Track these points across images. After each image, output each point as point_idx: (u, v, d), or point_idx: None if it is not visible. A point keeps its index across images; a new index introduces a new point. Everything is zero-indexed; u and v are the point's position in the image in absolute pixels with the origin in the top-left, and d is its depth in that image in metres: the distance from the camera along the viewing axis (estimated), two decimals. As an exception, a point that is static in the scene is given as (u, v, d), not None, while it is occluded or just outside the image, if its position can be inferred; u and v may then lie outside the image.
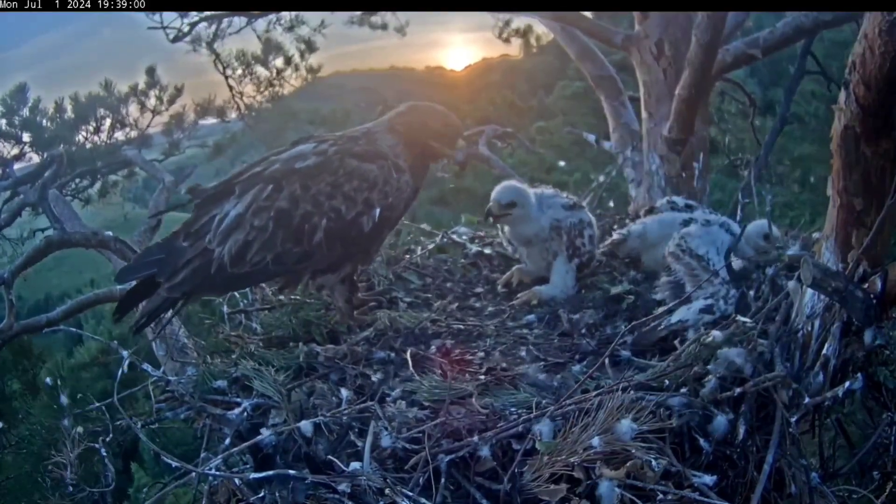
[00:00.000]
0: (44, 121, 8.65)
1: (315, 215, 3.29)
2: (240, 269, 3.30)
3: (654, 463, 2.40)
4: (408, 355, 3.27)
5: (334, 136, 3.58)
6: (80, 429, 3.68)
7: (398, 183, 3.44)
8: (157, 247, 3.54)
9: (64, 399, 3.78)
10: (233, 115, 10.66)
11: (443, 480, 2.56)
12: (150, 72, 9.32)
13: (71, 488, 3.68)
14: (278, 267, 3.34)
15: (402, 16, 10.89)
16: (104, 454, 3.59)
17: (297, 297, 3.92)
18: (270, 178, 3.36)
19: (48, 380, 4.78)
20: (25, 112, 8.60)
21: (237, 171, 3.55)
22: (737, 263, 3.83)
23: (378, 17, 9.95)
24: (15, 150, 8.41)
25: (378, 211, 3.38)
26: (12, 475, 4.79)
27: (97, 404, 3.67)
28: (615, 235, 4.38)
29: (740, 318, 3.23)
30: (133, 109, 9.14)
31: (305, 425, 2.77)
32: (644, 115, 6.24)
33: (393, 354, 3.33)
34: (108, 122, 8.98)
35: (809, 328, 2.94)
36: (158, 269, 3.36)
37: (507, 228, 4.25)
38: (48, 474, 3.81)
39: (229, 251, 3.28)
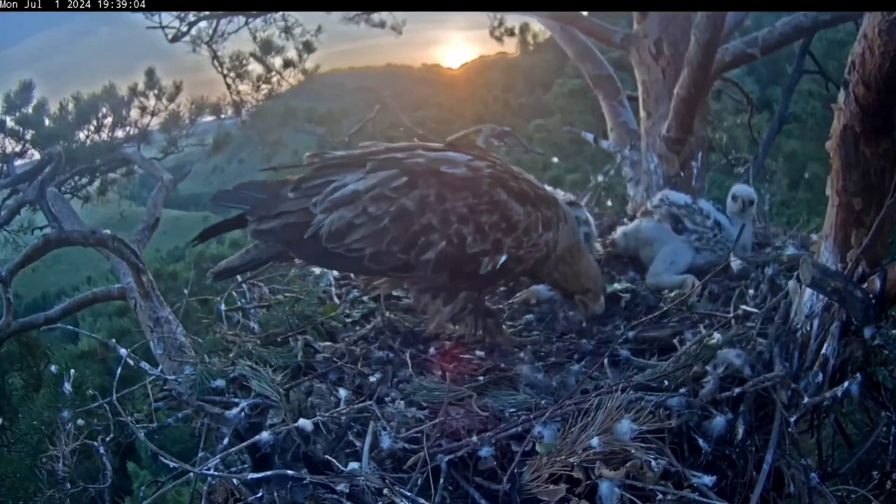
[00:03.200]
0: (45, 119, 8.65)
1: (437, 232, 2.97)
2: (333, 248, 3.01)
3: (653, 463, 2.41)
4: (407, 356, 3.26)
5: (499, 159, 3.28)
6: (80, 421, 3.68)
7: (538, 238, 3.14)
8: (261, 185, 3.24)
9: (67, 387, 3.77)
10: (230, 112, 10.64)
11: (441, 481, 2.56)
12: (150, 73, 9.32)
13: (68, 485, 3.68)
14: (373, 265, 3.03)
15: (399, 13, 10.87)
16: (102, 452, 3.59)
17: (294, 294, 3.92)
18: (408, 169, 3.03)
19: (53, 368, 4.76)
20: (29, 110, 8.60)
21: (369, 146, 3.28)
22: (735, 263, 3.85)
23: (375, 15, 9.92)
24: (17, 148, 8.40)
25: (504, 258, 3.06)
26: (10, 471, 4.77)
27: (100, 402, 3.65)
28: (609, 238, 4.56)
29: (745, 308, 3.27)
30: (134, 113, 9.15)
31: (305, 423, 2.74)
32: (642, 114, 6.23)
33: (391, 354, 3.33)
34: (108, 120, 8.99)
35: (808, 328, 2.94)
36: (252, 207, 3.12)
37: None
38: (43, 467, 3.81)
39: (331, 224, 2.99)
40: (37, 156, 8.49)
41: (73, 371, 4.02)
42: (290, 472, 2.66)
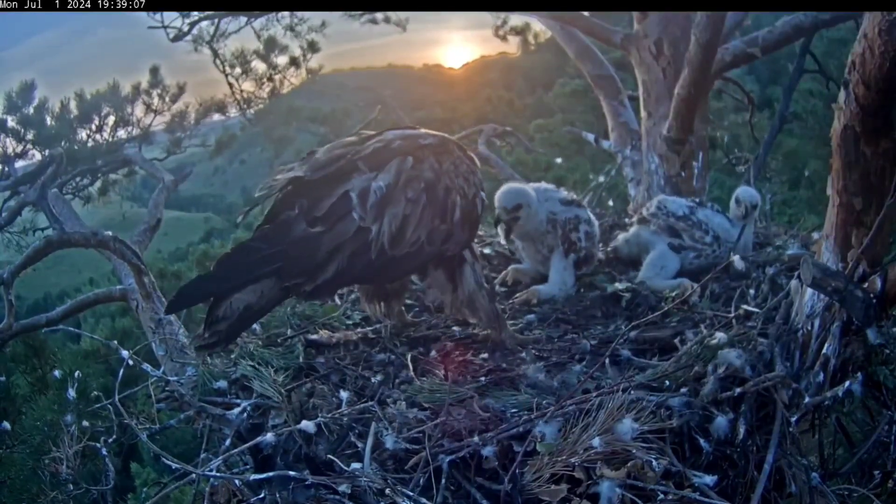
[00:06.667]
0: (47, 119, 8.63)
1: (453, 191, 3.19)
2: (399, 251, 3.01)
3: (654, 463, 2.40)
4: (408, 359, 3.26)
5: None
6: (85, 423, 3.68)
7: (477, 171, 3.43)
8: (262, 239, 2.92)
9: (71, 392, 3.78)
10: (233, 112, 10.63)
11: (443, 481, 2.56)
12: (154, 71, 9.28)
13: (71, 487, 3.69)
14: (431, 247, 3.11)
15: (402, 12, 10.90)
16: (105, 454, 3.59)
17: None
18: (403, 150, 3.12)
19: (57, 373, 4.77)
20: (30, 110, 8.58)
21: (327, 154, 3.14)
22: (738, 262, 3.85)
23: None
24: (18, 148, 8.39)
25: (483, 193, 3.35)
26: (13, 472, 4.78)
27: (104, 402, 3.65)
28: (610, 246, 4.61)
29: (746, 307, 3.28)
30: (138, 111, 9.13)
31: (308, 425, 2.74)
32: (643, 114, 6.25)
33: (393, 357, 3.33)
34: (111, 119, 8.97)
35: (809, 327, 2.94)
36: (284, 271, 2.84)
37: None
38: (46, 468, 3.81)
39: (389, 228, 2.97)
40: (38, 156, 8.49)
41: (78, 373, 4.02)
42: (292, 472, 2.67)
